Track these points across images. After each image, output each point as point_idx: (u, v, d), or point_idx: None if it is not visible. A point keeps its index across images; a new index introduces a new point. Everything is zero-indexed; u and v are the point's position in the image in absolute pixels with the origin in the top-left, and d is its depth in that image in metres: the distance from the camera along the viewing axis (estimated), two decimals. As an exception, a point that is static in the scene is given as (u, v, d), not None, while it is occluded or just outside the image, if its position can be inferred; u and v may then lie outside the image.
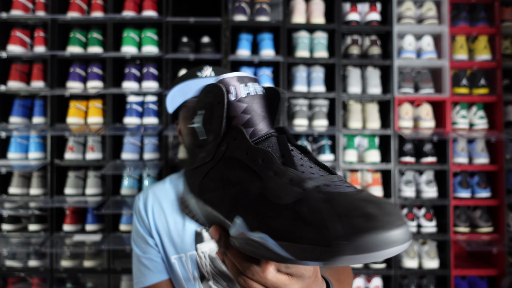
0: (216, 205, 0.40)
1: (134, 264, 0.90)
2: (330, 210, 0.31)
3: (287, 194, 0.34)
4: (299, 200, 0.33)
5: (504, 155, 2.00)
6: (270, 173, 0.36)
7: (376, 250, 0.29)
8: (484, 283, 1.98)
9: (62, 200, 1.89)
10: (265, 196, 0.35)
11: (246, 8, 2.02)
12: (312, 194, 0.33)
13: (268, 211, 0.34)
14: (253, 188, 0.37)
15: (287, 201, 0.34)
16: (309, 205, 0.32)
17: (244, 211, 0.36)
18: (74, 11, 1.96)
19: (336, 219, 0.30)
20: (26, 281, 1.98)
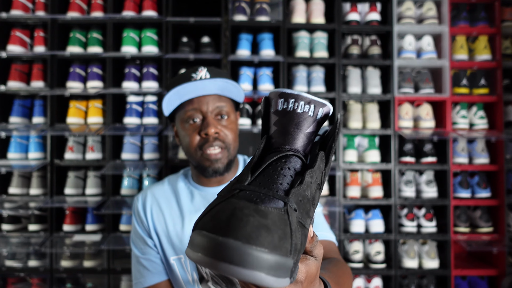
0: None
1: (133, 265, 0.90)
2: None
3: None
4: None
5: (504, 155, 2.00)
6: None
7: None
8: (484, 283, 1.98)
9: (62, 200, 1.89)
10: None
11: (246, 8, 2.02)
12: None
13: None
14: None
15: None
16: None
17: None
18: (74, 11, 1.96)
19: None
20: (26, 281, 1.98)
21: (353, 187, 1.98)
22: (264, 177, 0.39)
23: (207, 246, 0.31)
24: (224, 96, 0.92)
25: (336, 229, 1.95)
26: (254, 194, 0.36)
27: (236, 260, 0.29)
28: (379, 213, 1.97)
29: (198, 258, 0.31)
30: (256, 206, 0.33)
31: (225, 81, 0.90)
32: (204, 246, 0.31)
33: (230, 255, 0.29)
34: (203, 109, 0.89)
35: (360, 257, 1.97)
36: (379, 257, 1.94)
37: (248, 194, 0.36)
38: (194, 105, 0.89)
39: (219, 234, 0.30)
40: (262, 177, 0.39)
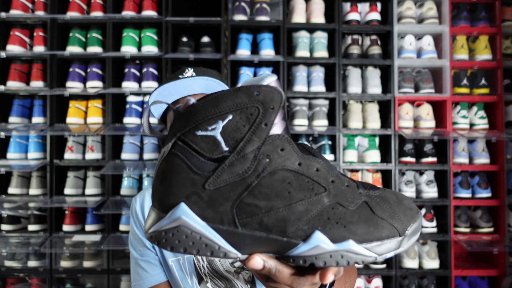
0: (272, 227, 0.35)
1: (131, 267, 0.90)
2: (389, 207, 0.38)
3: (354, 199, 0.37)
4: (363, 203, 0.38)
5: (504, 155, 2.00)
6: (330, 181, 0.37)
7: (418, 231, 0.39)
8: (484, 283, 1.97)
9: (62, 200, 1.89)
10: (338, 204, 0.36)
11: (246, 8, 2.02)
12: (368, 196, 0.38)
13: (345, 218, 0.36)
14: (322, 199, 0.36)
15: (356, 205, 0.37)
16: (374, 206, 0.38)
17: (320, 224, 0.35)
18: (73, 11, 1.96)
19: (398, 213, 0.38)
20: (25, 281, 1.97)
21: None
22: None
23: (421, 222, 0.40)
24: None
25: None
26: (365, 185, 0.42)
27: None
28: (379, 213, 1.97)
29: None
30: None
31: (209, 79, 0.86)
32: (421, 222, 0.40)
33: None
34: None
35: (360, 257, 1.96)
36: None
37: (368, 188, 0.41)
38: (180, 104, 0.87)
39: (419, 215, 0.41)
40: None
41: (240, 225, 0.35)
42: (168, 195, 0.35)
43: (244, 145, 0.35)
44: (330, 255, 0.35)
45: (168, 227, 0.35)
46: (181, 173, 0.35)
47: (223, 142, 0.35)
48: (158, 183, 0.37)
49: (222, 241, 0.35)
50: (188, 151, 0.36)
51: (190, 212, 0.34)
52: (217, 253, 0.35)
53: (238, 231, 0.35)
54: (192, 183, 0.35)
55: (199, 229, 0.34)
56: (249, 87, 0.35)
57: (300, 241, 0.35)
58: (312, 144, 2.08)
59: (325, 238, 0.35)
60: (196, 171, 0.35)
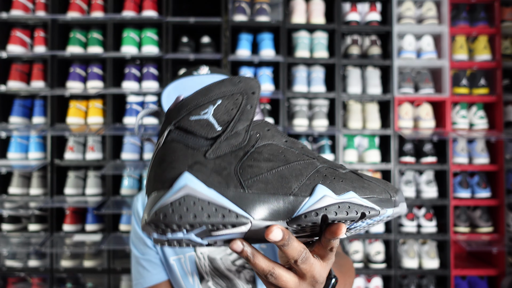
0: (277, 185, 0.37)
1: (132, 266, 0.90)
2: (371, 179, 0.41)
3: (341, 167, 0.41)
4: (350, 171, 0.41)
5: (504, 155, 2.00)
6: (316, 155, 0.41)
7: (404, 203, 0.42)
8: (484, 283, 1.98)
9: (62, 200, 1.89)
10: (330, 168, 0.40)
11: (246, 8, 2.02)
12: (353, 172, 0.42)
13: (341, 177, 0.39)
14: (315, 162, 0.40)
15: (345, 171, 0.41)
16: (361, 174, 0.41)
17: (320, 179, 0.38)
18: (74, 11, 1.96)
19: (381, 182, 0.41)
20: (26, 281, 1.98)
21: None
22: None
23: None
24: None
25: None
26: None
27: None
28: (379, 213, 1.97)
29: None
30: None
31: (224, 77, 0.89)
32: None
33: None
34: None
35: (360, 257, 1.97)
36: (379, 257, 1.95)
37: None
38: None
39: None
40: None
41: (246, 186, 0.36)
42: (169, 170, 0.36)
43: (235, 124, 0.39)
44: (338, 205, 0.37)
45: (173, 198, 0.34)
46: (179, 152, 0.37)
47: (216, 123, 0.38)
48: (155, 167, 0.37)
49: (232, 204, 0.35)
50: (184, 135, 0.38)
51: (195, 179, 0.35)
52: (229, 216, 0.34)
53: (246, 193, 0.36)
54: (192, 156, 0.37)
55: (207, 194, 0.34)
56: (232, 78, 0.40)
57: (306, 195, 0.37)
58: (312, 144, 2.08)
59: (329, 191, 0.37)
60: (195, 147, 0.37)
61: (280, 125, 1.96)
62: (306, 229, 0.38)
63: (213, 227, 0.34)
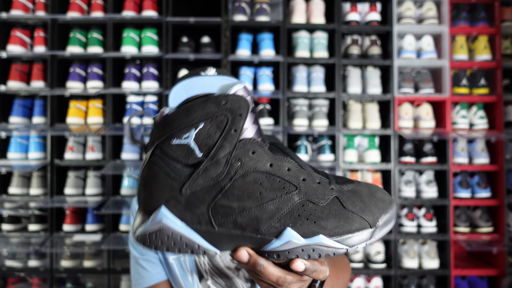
0: (246, 225, 0.37)
1: (132, 266, 0.90)
2: (360, 201, 0.40)
3: (325, 195, 0.39)
4: (334, 198, 0.39)
5: (504, 155, 2.00)
6: (301, 180, 0.39)
7: (392, 221, 0.41)
8: (484, 283, 1.98)
9: (62, 200, 1.89)
10: (308, 201, 0.38)
11: (246, 8, 2.02)
12: (340, 191, 0.40)
13: (315, 214, 0.38)
14: (292, 197, 0.38)
15: (326, 201, 0.39)
16: (345, 201, 0.39)
17: (291, 221, 0.38)
18: (74, 11, 1.96)
19: (369, 206, 0.40)
20: (26, 281, 1.98)
21: (353, 187, 1.98)
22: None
23: (395, 212, 0.43)
24: None
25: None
26: (338, 180, 0.44)
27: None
28: (379, 213, 1.97)
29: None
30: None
31: (232, 80, 0.90)
32: (395, 213, 0.43)
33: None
34: None
35: (360, 257, 1.97)
36: (379, 257, 1.94)
37: (341, 182, 0.44)
38: None
39: (392, 205, 0.43)
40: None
41: (216, 225, 0.37)
42: (150, 200, 0.38)
43: (216, 150, 0.38)
44: (301, 249, 0.38)
45: (151, 229, 0.38)
46: (160, 180, 0.38)
47: (197, 149, 0.38)
48: (141, 188, 0.40)
49: (201, 240, 0.37)
50: (165, 159, 0.38)
51: (170, 215, 0.37)
52: (197, 251, 0.38)
53: (215, 230, 0.37)
54: (170, 188, 0.38)
55: (179, 230, 0.37)
56: (217, 97, 0.38)
57: (273, 238, 0.38)
58: (312, 144, 2.08)
59: (296, 234, 0.37)
60: (173, 177, 0.38)
61: (280, 125, 1.96)
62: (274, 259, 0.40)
63: (183, 254, 0.38)
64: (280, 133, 1.97)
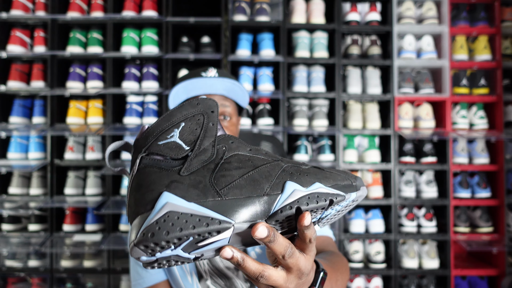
0: (250, 188, 0.40)
1: (131, 267, 0.90)
2: (333, 169, 0.46)
3: (303, 165, 0.45)
4: (311, 167, 0.45)
5: (504, 155, 2.00)
6: (279, 158, 0.45)
7: (365, 187, 0.46)
8: (484, 283, 1.98)
9: (62, 200, 1.89)
10: (293, 166, 0.44)
11: (246, 8, 2.02)
12: (314, 166, 0.45)
13: (304, 171, 0.43)
14: (280, 163, 0.44)
15: (307, 167, 0.44)
16: (321, 167, 0.45)
17: (287, 176, 0.42)
18: (74, 11, 1.96)
19: (342, 172, 0.46)
20: (26, 281, 1.98)
21: (353, 187, 1.98)
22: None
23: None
24: (229, 98, 0.93)
25: (336, 229, 1.95)
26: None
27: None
28: (379, 213, 1.98)
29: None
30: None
31: (233, 82, 0.91)
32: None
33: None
34: None
35: (360, 257, 1.97)
36: (379, 257, 1.94)
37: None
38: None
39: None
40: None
41: (222, 194, 0.39)
42: (148, 193, 0.38)
43: (201, 141, 0.42)
44: (308, 196, 0.40)
45: (157, 217, 0.36)
46: (155, 174, 0.40)
47: (183, 144, 0.42)
48: (133, 194, 0.39)
49: (213, 213, 0.37)
50: (155, 160, 0.41)
51: (175, 196, 0.37)
52: (213, 224, 0.36)
53: (223, 200, 0.38)
54: (168, 176, 0.39)
55: (188, 207, 0.37)
56: (191, 101, 0.44)
57: (278, 193, 0.40)
58: (312, 144, 2.08)
59: (297, 185, 0.41)
60: (168, 169, 0.40)
61: (280, 125, 1.96)
62: (284, 224, 0.42)
63: (200, 237, 0.36)
64: (280, 133, 1.97)
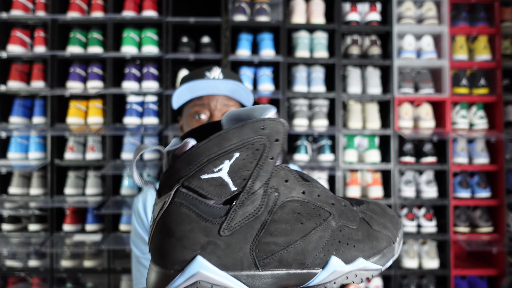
0: (292, 261, 0.35)
1: (133, 266, 0.90)
2: (379, 219, 0.41)
3: (354, 217, 0.39)
4: (361, 219, 0.40)
5: (504, 155, 2.00)
6: (331, 204, 0.38)
7: (402, 236, 0.43)
8: (484, 283, 1.98)
9: (62, 200, 1.89)
10: (344, 226, 0.38)
11: (246, 8, 2.02)
12: (362, 212, 0.41)
13: (353, 238, 0.38)
14: (330, 223, 0.37)
15: (357, 223, 0.39)
16: (370, 221, 0.40)
17: (334, 248, 0.37)
18: (74, 11, 1.96)
19: (387, 223, 0.41)
20: (26, 281, 1.98)
21: (353, 187, 1.99)
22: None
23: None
24: (233, 99, 0.93)
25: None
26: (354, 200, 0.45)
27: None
28: (379, 213, 1.97)
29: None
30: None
31: (236, 84, 0.91)
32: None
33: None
34: (211, 107, 0.89)
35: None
36: (379, 257, 1.94)
37: (359, 203, 0.45)
38: (202, 101, 0.90)
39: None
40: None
41: (260, 266, 0.34)
42: (179, 250, 0.32)
43: (253, 182, 0.34)
44: (346, 276, 0.37)
45: (185, 285, 0.32)
46: (191, 223, 0.33)
47: (231, 183, 0.33)
48: (162, 237, 0.33)
49: (245, 287, 0.33)
50: (194, 198, 0.33)
51: (209, 264, 0.32)
52: None
53: (259, 273, 0.34)
54: (206, 232, 0.33)
55: (220, 280, 0.32)
56: (254, 122, 0.34)
57: (319, 269, 0.36)
58: (312, 144, 2.08)
59: (340, 261, 0.36)
60: (207, 218, 0.33)
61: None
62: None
63: None
64: (280, 133, 1.97)
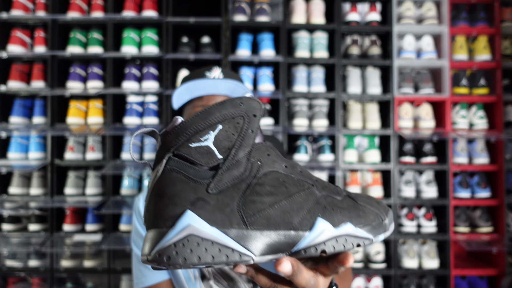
0: (279, 220, 0.37)
1: (134, 265, 0.90)
2: (365, 200, 0.43)
3: (338, 192, 0.41)
4: (345, 195, 0.42)
5: (504, 155, 2.01)
6: (314, 180, 0.41)
7: (392, 223, 0.43)
8: (484, 283, 1.98)
9: (62, 200, 1.89)
10: (328, 195, 0.40)
11: (246, 8, 2.02)
12: (347, 191, 0.43)
13: (338, 205, 0.40)
14: (314, 191, 0.40)
15: (342, 196, 0.41)
16: (355, 198, 0.42)
17: (320, 211, 0.38)
18: (74, 11, 1.96)
19: (373, 204, 0.42)
20: (26, 281, 1.98)
21: (353, 187, 1.99)
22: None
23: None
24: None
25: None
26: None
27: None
28: (379, 213, 1.98)
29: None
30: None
31: (236, 84, 0.91)
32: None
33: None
34: None
35: (360, 257, 1.97)
36: (379, 256, 1.95)
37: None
38: (202, 101, 0.91)
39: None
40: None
41: (248, 223, 0.36)
42: (170, 207, 0.35)
43: (236, 151, 0.38)
44: (336, 239, 0.38)
45: (176, 238, 0.33)
46: (181, 184, 0.36)
47: (216, 151, 0.37)
48: (155, 200, 0.36)
49: (235, 243, 0.35)
50: (184, 164, 0.37)
51: (199, 219, 0.34)
52: (232, 256, 0.34)
53: (248, 231, 0.35)
54: (195, 190, 0.36)
55: (210, 234, 0.34)
56: (233, 99, 0.39)
57: (307, 230, 0.37)
58: (312, 144, 2.09)
59: (327, 224, 0.38)
60: (196, 180, 0.36)
61: (280, 125, 1.96)
62: (304, 258, 0.41)
63: (216, 265, 0.34)
64: (280, 133, 1.97)
